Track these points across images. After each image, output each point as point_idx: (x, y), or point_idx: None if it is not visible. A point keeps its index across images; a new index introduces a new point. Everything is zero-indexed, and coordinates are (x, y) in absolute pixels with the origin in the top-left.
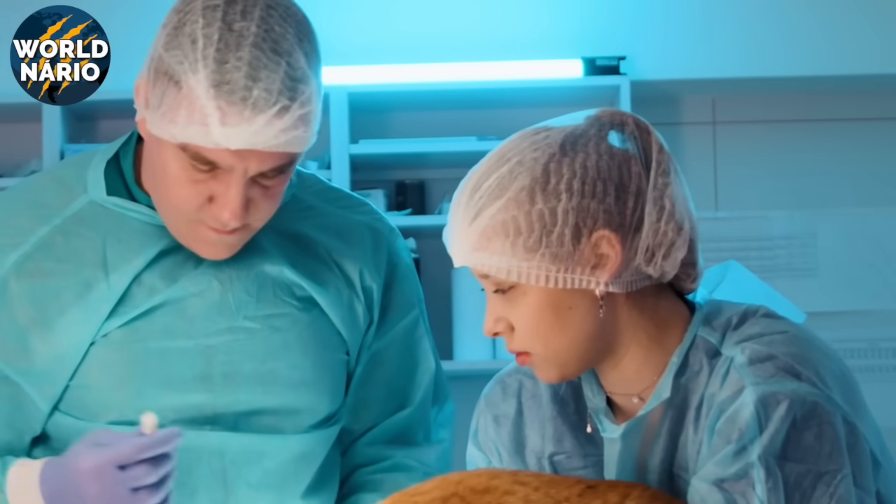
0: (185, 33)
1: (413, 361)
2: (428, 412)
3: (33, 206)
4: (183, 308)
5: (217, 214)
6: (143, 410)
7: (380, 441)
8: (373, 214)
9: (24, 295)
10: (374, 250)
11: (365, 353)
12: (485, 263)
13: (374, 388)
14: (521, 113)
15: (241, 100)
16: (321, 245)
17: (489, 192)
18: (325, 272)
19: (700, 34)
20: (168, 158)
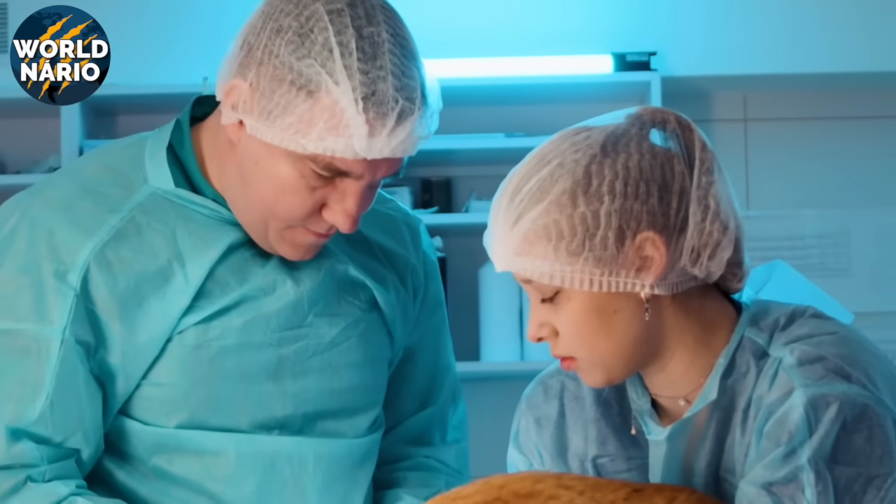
0: (316, 41)
1: (438, 361)
2: (447, 412)
3: (94, 196)
4: (259, 306)
5: (332, 220)
6: (217, 412)
7: (402, 440)
8: (402, 210)
9: (104, 284)
10: (413, 247)
11: (400, 352)
12: (527, 268)
13: (401, 387)
14: (550, 109)
15: (389, 111)
16: (373, 242)
17: (530, 195)
18: (382, 270)
19: (732, 29)
20: (281, 166)
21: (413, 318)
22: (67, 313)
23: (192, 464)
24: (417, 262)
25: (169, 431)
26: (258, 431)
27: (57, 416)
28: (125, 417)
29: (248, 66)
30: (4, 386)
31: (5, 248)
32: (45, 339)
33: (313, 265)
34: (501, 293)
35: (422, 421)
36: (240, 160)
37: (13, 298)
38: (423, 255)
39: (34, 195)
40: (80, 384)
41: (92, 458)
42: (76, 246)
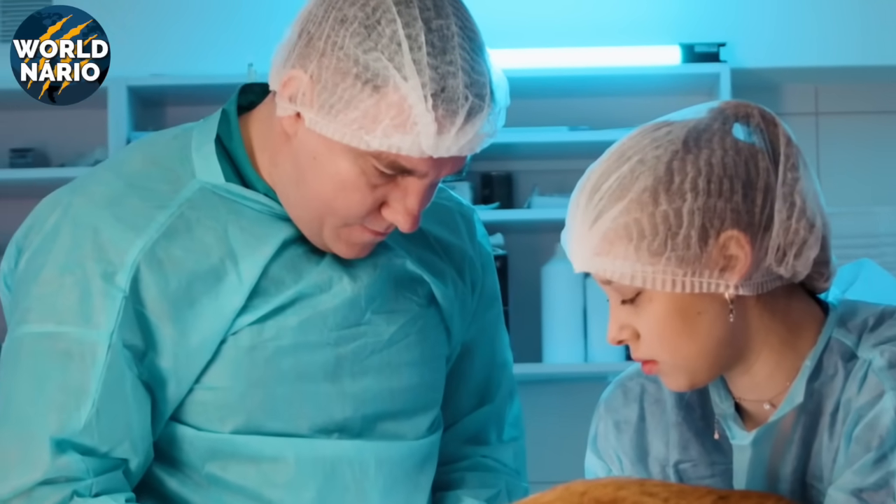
0: (383, 33)
1: (496, 356)
2: (504, 410)
3: (141, 191)
4: (315, 304)
5: (392, 219)
6: (274, 416)
7: (458, 439)
8: (455, 199)
9: (155, 285)
10: (469, 238)
11: (457, 348)
12: (607, 269)
13: (457, 384)
14: (615, 102)
15: (459, 108)
16: (429, 235)
17: (609, 193)
18: (439, 264)
19: (803, 20)
20: (341, 163)
21: (471, 313)
22: (115, 317)
23: (248, 471)
24: (474, 254)
25: (224, 437)
26: (317, 435)
27: (103, 426)
28: (177, 423)
29: (308, 56)
30: (46, 392)
31: (46, 247)
32: (90, 343)
33: (369, 260)
34: (565, 292)
35: (479, 419)
36: (295, 154)
37: (54, 300)
38: (479, 247)
39: (76, 191)
40: (128, 391)
41: (141, 467)
42: (124, 245)
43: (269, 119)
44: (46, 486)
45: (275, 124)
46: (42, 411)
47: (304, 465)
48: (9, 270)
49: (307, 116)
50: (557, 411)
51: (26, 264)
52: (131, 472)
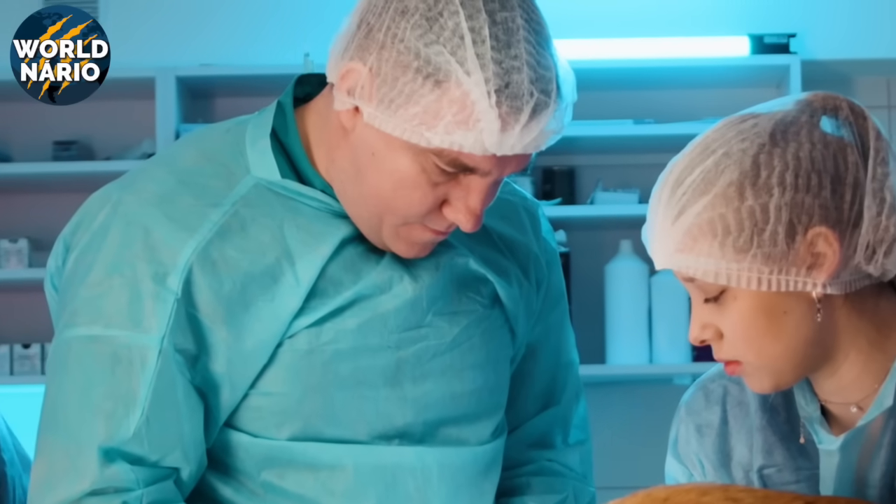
0: (445, 26)
1: (561, 356)
2: (570, 412)
3: (193, 189)
4: (374, 305)
5: (454, 218)
6: (332, 422)
7: (523, 443)
8: (519, 193)
9: (208, 287)
10: (534, 233)
11: (522, 349)
12: (690, 266)
13: (521, 386)
14: (682, 94)
15: (524, 104)
16: (493, 232)
17: (693, 187)
18: (503, 262)
19: (877, 10)
20: (401, 159)
21: (536, 313)
22: (167, 320)
23: (306, 478)
24: (539, 251)
25: (280, 444)
26: (377, 442)
27: (153, 434)
28: (231, 430)
29: (367, 48)
30: (93, 399)
31: (95, 246)
32: (139, 348)
33: (431, 259)
34: (629, 291)
35: (544, 422)
36: (354, 150)
37: (102, 301)
38: (545, 243)
39: (126, 188)
40: (179, 397)
41: (193, 476)
42: (176, 245)
43: (327, 112)
44: (94, 496)
45: (332, 118)
46: (89, 419)
47: (364, 473)
48: (56, 269)
49: (366, 111)
50: (621, 414)
51: (74, 263)
52: (183, 482)
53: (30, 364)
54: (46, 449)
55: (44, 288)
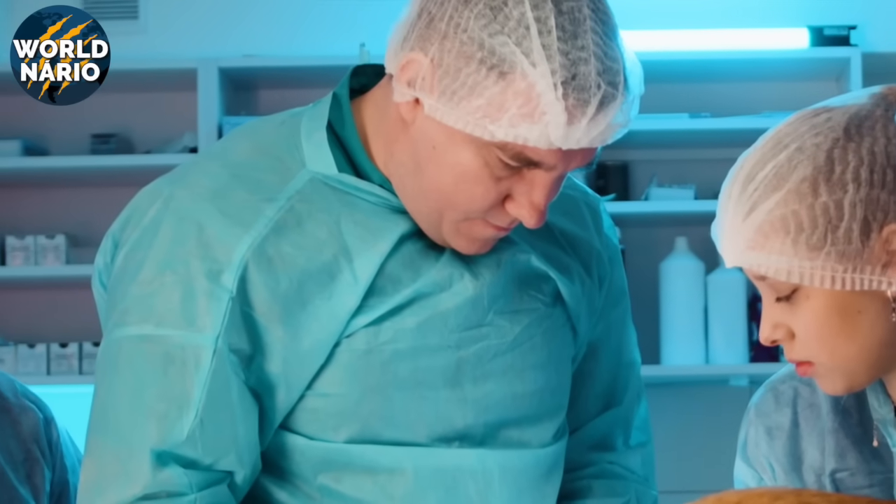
0: (510, 16)
1: (623, 356)
2: (632, 413)
3: (247, 183)
4: (434, 304)
5: (517, 214)
6: (391, 424)
7: (583, 445)
8: (580, 188)
9: (264, 285)
10: (596, 229)
11: (583, 348)
12: (762, 264)
13: (582, 386)
14: (739, 87)
15: (591, 97)
16: (554, 227)
17: (765, 183)
18: (565, 259)
19: None
20: (463, 153)
21: (598, 311)
22: (221, 319)
23: (364, 482)
24: (601, 247)
25: (338, 447)
26: (437, 444)
27: (207, 436)
28: (287, 432)
29: (428, 38)
30: (145, 401)
31: (146, 243)
32: (193, 347)
33: (492, 256)
34: (684, 289)
35: (605, 423)
36: (413, 143)
37: (154, 300)
38: (606, 239)
39: (177, 182)
40: (234, 398)
41: (248, 480)
42: (231, 242)
43: (385, 104)
44: (146, 501)
45: (391, 110)
46: (141, 421)
47: (424, 477)
48: (104, 266)
49: (427, 103)
50: (676, 416)
51: (123, 260)
52: (237, 486)
53: (67, 364)
54: (96, 451)
55: (86, 286)
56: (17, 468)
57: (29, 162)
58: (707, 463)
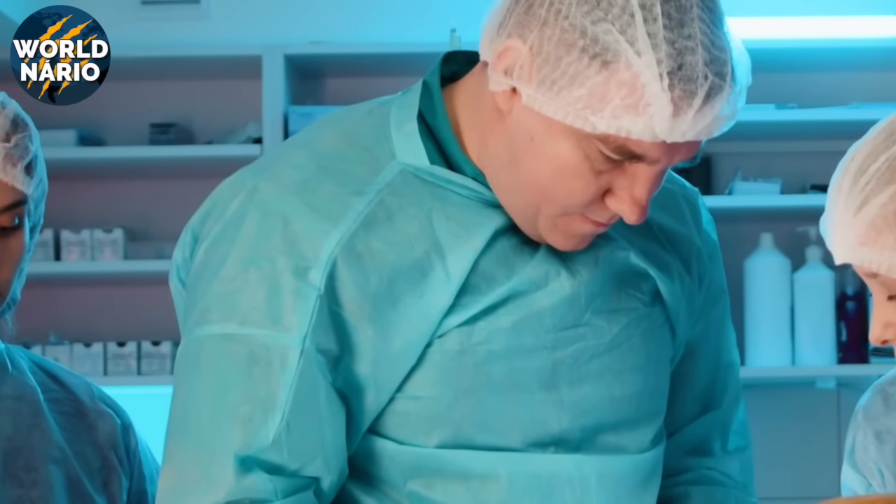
0: (614, 3)
1: (721, 357)
2: (731, 417)
3: (335, 175)
4: (530, 303)
5: (617, 209)
6: (485, 428)
7: (680, 449)
8: (678, 181)
9: (353, 282)
10: (695, 225)
11: (681, 349)
12: (873, 261)
13: (679, 389)
14: (826, 77)
15: (698, 88)
16: (653, 223)
17: (878, 176)
18: (665, 256)
19: None
20: (563, 145)
21: (697, 310)
22: (309, 318)
23: (456, 489)
24: (701, 243)
25: (429, 452)
26: (532, 450)
27: (294, 441)
28: (376, 437)
29: (527, 25)
30: (229, 403)
31: (228, 237)
32: (279, 348)
33: (589, 253)
34: (770, 288)
35: (702, 427)
36: (510, 134)
37: (237, 297)
38: (706, 235)
39: (261, 173)
40: (321, 401)
41: (334, 486)
42: (318, 237)
43: (479, 93)
44: None
45: (485, 99)
46: (225, 424)
47: (519, 483)
48: (182, 261)
49: (525, 92)
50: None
51: (204, 255)
52: (323, 492)
53: (124, 364)
54: (176, 456)
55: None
56: (94, 476)
57: (85, 152)
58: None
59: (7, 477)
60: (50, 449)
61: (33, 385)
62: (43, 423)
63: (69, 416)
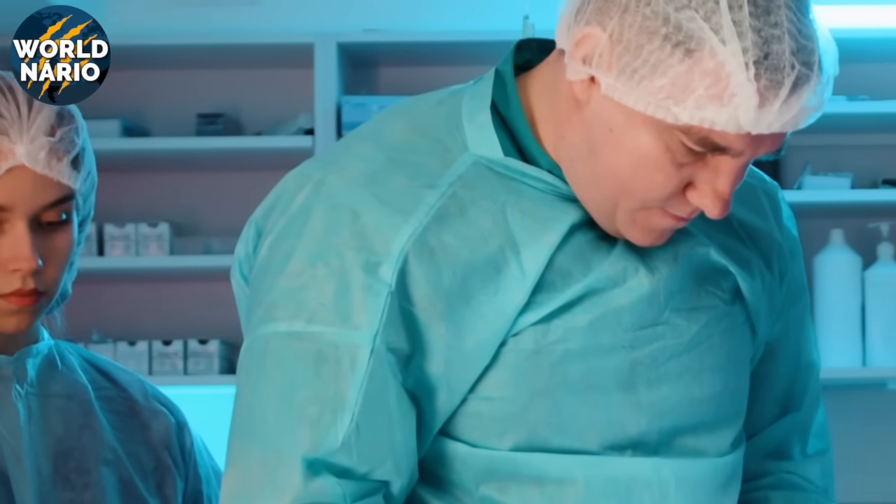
0: None
1: (802, 357)
2: (810, 419)
3: (406, 167)
4: (607, 300)
5: (699, 203)
6: (561, 430)
7: (758, 453)
8: (757, 175)
9: (426, 279)
10: (775, 220)
11: (761, 349)
12: None
13: (759, 390)
14: None
15: (784, 78)
16: (733, 218)
17: None
18: (745, 252)
19: None
20: (643, 137)
21: (778, 308)
22: (379, 315)
23: (531, 493)
24: (782, 239)
25: (502, 455)
26: (609, 453)
27: (363, 443)
28: (447, 439)
29: (607, 12)
30: (295, 403)
31: (294, 231)
32: (348, 346)
33: (668, 250)
34: (840, 286)
35: (781, 430)
36: (588, 125)
37: (304, 294)
38: (786, 230)
39: (329, 165)
40: (391, 402)
41: (404, 490)
42: (389, 231)
43: (554, 82)
44: None
45: (562, 89)
46: (291, 426)
47: (596, 487)
48: (245, 256)
49: (604, 82)
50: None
51: (269, 250)
52: (393, 497)
53: (170, 363)
54: (240, 458)
55: (191, 278)
56: (147, 478)
57: (129, 143)
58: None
59: (58, 479)
60: (102, 450)
61: (84, 383)
62: (94, 422)
63: (122, 415)
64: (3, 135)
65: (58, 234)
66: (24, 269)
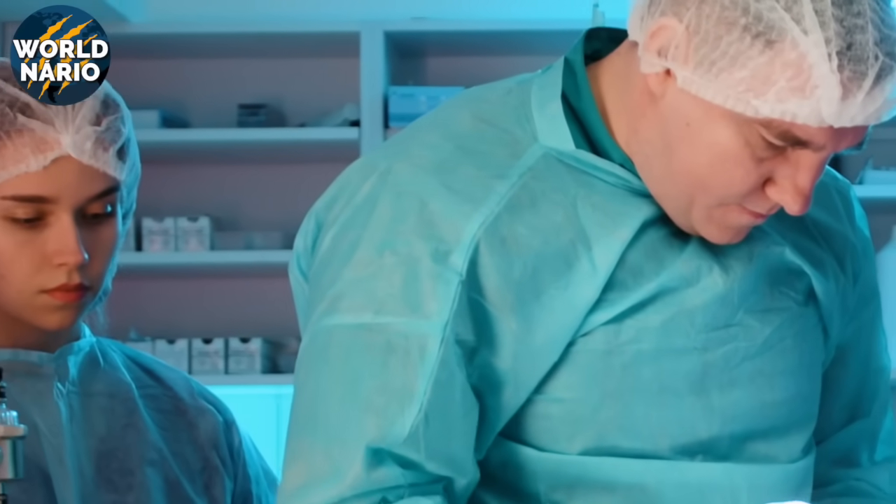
0: None
1: (872, 361)
2: (879, 425)
3: (474, 156)
4: (680, 300)
5: (778, 199)
6: (631, 433)
7: (826, 459)
8: (830, 173)
9: (496, 269)
10: (848, 220)
11: (832, 352)
12: None
13: (829, 395)
14: None
15: (868, 69)
16: (807, 217)
17: None
18: (819, 253)
19: None
20: (722, 131)
21: (850, 310)
22: (450, 305)
23: (600, 499)
24: (855, 239)
25: (571, 459)
26: (680, 457)
27: (431, 434)
28: (513, 442)
29: (683, 2)
30: (361, 394)
31: (360, 222)
32: (418, 336)
33: (743, 249)
34: None
35: (850, 436)
36: (663, 119)
37: (372, 284)
38: (859, 230)
39: (395, 155)
40: (457, 395)
41: (466, 490)
42: (459, 219)
43: (626, 73)
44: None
45: (635, 81)
46: (356, 416)
47: (668, 493)
48: (304, 250)
49: (680, 75)
50: None
51: (332, 241)
52: (455, 495)
53: (210, 362)
54: (303, 452)
55: (232, 274)
56: (195, 478)
57: (168, 135)
58: None
59: (101, 481)
60: (146, 450)
61: (127, 381)
62: (139, 421)
63: (167, 413)
64: (48, 124)
65: (103, 226)
66: (70, 263)
